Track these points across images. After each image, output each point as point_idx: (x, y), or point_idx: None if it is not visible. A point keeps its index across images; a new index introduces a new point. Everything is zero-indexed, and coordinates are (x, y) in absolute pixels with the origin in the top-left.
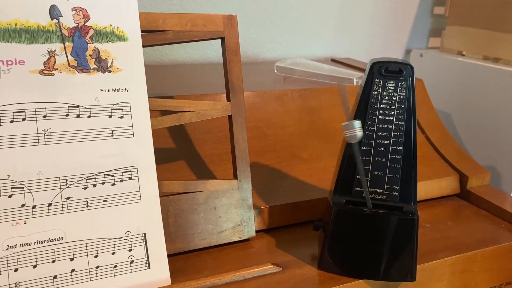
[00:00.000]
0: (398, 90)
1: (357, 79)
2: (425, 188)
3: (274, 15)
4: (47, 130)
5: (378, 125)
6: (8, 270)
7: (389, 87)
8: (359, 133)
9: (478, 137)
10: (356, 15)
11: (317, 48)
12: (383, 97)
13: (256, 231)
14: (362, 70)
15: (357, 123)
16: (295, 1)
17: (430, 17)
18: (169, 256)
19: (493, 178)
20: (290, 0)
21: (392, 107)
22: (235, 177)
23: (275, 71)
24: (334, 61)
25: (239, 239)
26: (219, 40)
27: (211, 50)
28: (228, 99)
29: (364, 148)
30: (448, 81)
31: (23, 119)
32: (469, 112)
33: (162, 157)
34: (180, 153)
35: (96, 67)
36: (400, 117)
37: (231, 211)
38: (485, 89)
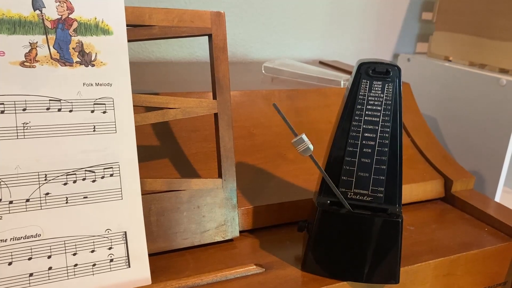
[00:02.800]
0: (385, 91)
1: (345, 81)
2: (410, 191)
3: (264, 16)
4: (27, 123)
5: (364, 126)
6: None
7: (376, 88)
8: (310, 145)
9: (463, 142)
10: (345, 19)
11: (306, 50)
12: (369, 98)
13: (240, 232)
14: (350, 73)
15: (305, 137)
16: (285, 2)
17: (418, 23)
18: (150, 255)
19: (477, 183)
20: (280, 1)
21: (379, 108)
22: (220, 176)
23: (263, 71)
24: (322, 63)
25: (223, 239)
26: (207, 38)
27: (199, 49)
28: (214, 97)
29: (350, 149)
30: (434, 85)
31: (2, 112)
32: (455, 116)
33: (146, 154)
34: (165, 151)
35: (79, 60)
36: (386, 118)
37: (215, 210)
38: (470, 95)
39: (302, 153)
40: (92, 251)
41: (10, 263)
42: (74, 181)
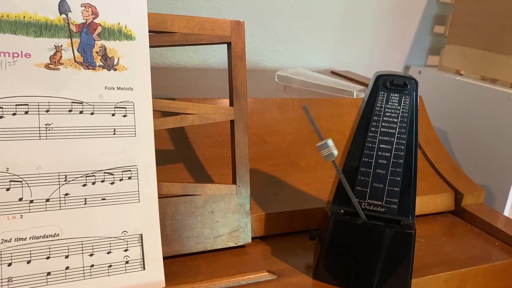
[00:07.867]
0: (402, 104)
1: (357, 91)
2: (421, 203)
3: (277, 24)
4: (49, 124)
5: (380, 138)
6: (1, 264)
7: (393, 100)
8: (334, 151)
9: (473, 155)
10: (357, 29)
11: (317, 60)
12: (386, 110)
13: (252, 238)
14: (362, 83)
15: (330, 142)
16: (298, 12)
17: (430, 36)
18: (164, 258)
19: (487, 197)
20: (293, 11)
21: (395, 120)
22: (234, 182)
23: (276, 79)
24: (334, 73)
25: (235, 245)
26: (221, 45)
27: (213, 56)
28: (231, 104)
29: (365, 159)
30: (445, 99)
31: (26, 112)
32: (465, 130)
33: (161, 158)
34: (179, 156)
35: (102, 64)
36: (402, 130)
37: (228, 216)
38: (481, 109)
39: (325, 158)
40: (109, 253)
41: (28, 262)
42: (93, 183)
